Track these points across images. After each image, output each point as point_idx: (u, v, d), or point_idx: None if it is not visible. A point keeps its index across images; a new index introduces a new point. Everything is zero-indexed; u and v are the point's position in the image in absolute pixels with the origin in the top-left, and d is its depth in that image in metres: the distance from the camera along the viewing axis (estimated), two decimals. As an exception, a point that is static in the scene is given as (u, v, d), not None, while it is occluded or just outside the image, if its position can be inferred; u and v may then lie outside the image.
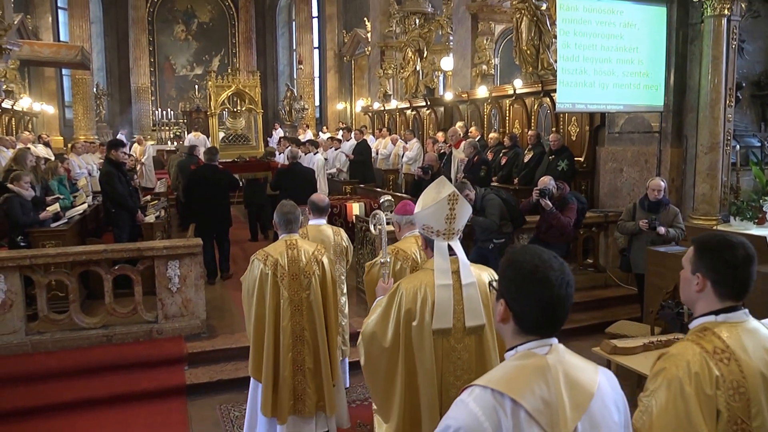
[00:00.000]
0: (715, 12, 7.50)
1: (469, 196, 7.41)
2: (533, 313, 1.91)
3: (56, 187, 9.16)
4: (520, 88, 11.86)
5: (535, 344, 1.92)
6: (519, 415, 1.77)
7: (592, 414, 1.85)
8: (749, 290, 2.25)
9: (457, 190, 3.16)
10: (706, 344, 2.18)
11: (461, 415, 1.79)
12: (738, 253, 2.24)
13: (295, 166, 10.44)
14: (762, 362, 2.16)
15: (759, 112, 8.87)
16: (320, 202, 5.51)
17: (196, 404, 6.05)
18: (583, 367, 1.93)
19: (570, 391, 1.85)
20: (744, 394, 2.12)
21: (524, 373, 1.85)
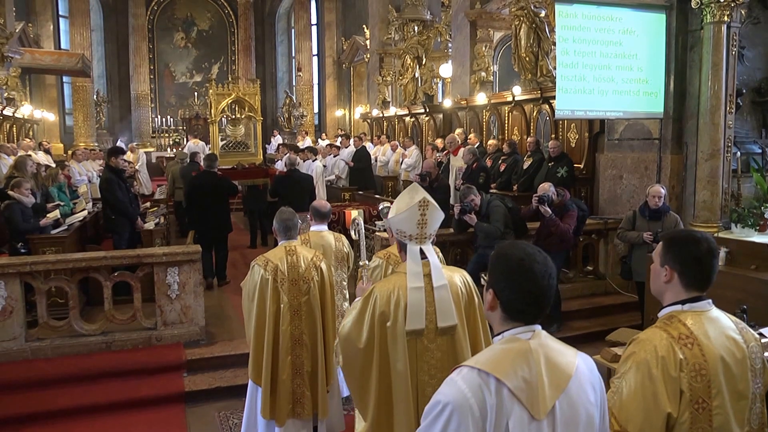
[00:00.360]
0: (714, 18, 7.50)
1: (474, 201, 7.41)
2: (518, 302, 2.08)
3: (56, 194, 9.17)
4: (519, 94, 11.86)
5: (520, 330, 2.09)
6: (502, 393, 1.95)
7: (570, 393, 2.03)
8: (712, 281, 2.46)
9: (428, 196, 3.32)
10: (672, 330, 2.37)
11: (450, 391, 1.97)
12: (702, 246, 2.44)
13: (294, 173, 10.49)
14: (722, 347, 2.36)
15: (760, 118, 8.86)
16: (322, 208, 5.54)
17: (194, 411, 6.04)
18: (563, 351, 2.11)
19: (550, 372, 2.01)
20: (705, 376, 2.31)
21: (508, 356, 2.02)
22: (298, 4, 27.59)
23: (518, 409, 1.96)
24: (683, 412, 2.32)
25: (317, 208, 5.52)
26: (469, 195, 7.46)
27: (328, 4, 27.83)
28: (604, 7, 8.18)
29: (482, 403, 1.94)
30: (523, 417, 1.96)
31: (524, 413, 1.96)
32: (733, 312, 3.94)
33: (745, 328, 2.51)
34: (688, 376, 2.31)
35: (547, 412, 1.98)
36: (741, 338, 2.44)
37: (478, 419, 1.93)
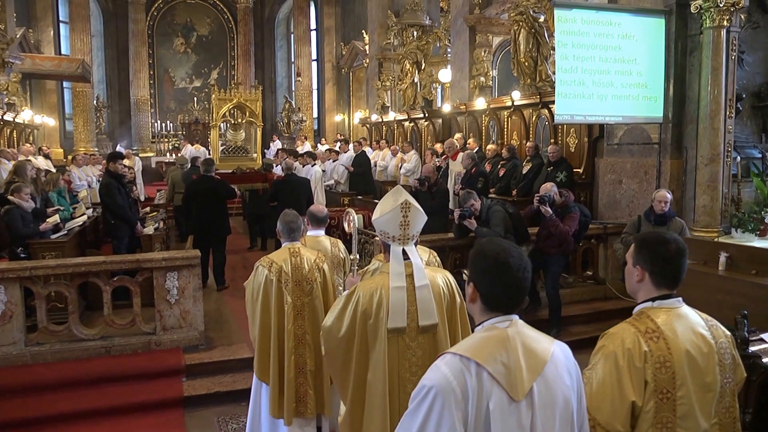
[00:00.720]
0: (714, 23, 7.52)
1: (474, 206, 7.39)
2: (496, 293, 2.25)
3: (56, 199, 9.16)
4: (518, 99, 11.88)
5: (498, 319, 2.25)
6: (482, 376, 2.11)
7: (546, 377, 2.18)
8: (681, 279, 2.59)
9: (410, 198, 3.44)
10: (640, 325, 2.53)
11: (435, 376, 2.12)
12: (671, 247, 2.58)
13: (291, 177, 10.60)
14: (688, 342, 2.49)
15: (759, 123, 8.88)
16: (319, 213, 5.55)
17: (194, 416, 6.02)
18: (539, 338, 2.27)
19: (526, 357, 2.17)
20: (669, 368, 2.45)
21: (488, 343, 2.18)
22: (298, 9, 27.63)
23: (498, 391, 2.11)
24: (648, 401, 2.46)
25: (314, 213, 5.54)
26: (469, 200, 7.45)
27: (327, 9, 27.88)
28: (603, 12, 8.22)
29: (464, 386, 2.09)
30: (502, 398, 2.11)
31: (503, 395, 2.11)
32: (733, 317, 3.96)
33: (716, 326, 2.63)
34: (652, 367, 2.44)
35: (525, 393, 2.13)
36: (709, 334, 2.56)
37: (460, 401, 2.08)
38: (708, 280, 5.99)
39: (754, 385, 3.83)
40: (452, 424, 2.07)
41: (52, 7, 24.64)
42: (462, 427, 2.08)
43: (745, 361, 3.80)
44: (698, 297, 5.93)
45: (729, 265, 5.97)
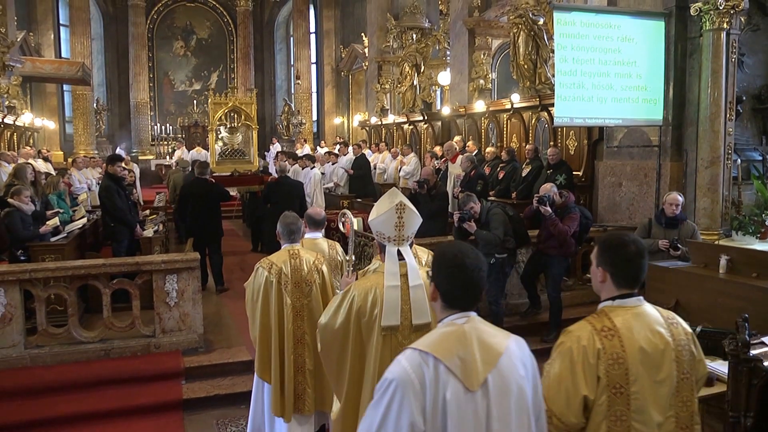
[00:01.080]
0: (714, 26, 7.52)
1: (473, 208, 7.37)
2: (453, 292, 2.45)
3: (56, 202, 9.15)
4: (518, 102, 11.88)
5: (456, 316, 2.44)
6: (439, 369, 2.28)
7: (501, 368, 2.35)
8: (641, 279, 2.71)
9: (405, 200, 3.56)
10: (596, 323, 2.64)
11: (396, 369, 2.31)
12: (630, 249, 2.69)
13: (284, 180, 10.67)
14: (644, 340, 2.60)
15: (760, 125, 8.88)
16: (316, 215, 5.57)
17: (193, 419, 6.01)
18: (495, 333, 2.45)
19: (482, 351, 2.35)
20: (622, 365, 2.57)
21: (446, 338, 2.37)
22: (297, 12, 27.63)
23: (454, 382, 2.28)
24: (600, 395, 2.58)
25: (312, 215, 5.56)
26: (469, 203, 7.43)
27: (326, 12, 27.89)
28: (602, 14, 8.22)
29: (422, 378, 2.27)
30: (458, 389, 2.28)
31: (459, 386, 2.28)
32: (734, 321, 3.95)
33: (676, 323, 2.73)
34: (605, 364, 2.56)
35: (480, 384, 2.31)
36: (667, 332, 2.66)
37: (418, 392, 2.26)
38: (708, 283, 5.97)
39: (755, 389, 3.81)
40: (411, 413, 2.25)
41: (52, 10, 24.68)
42: (421, 416, 2.26)
43: (746, 365, 3.81)
44: (699, 300, 5.94)
45: (729, 268, 5.95)
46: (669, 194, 7.23)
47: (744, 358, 3.82)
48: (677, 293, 6.16)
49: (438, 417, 2.28)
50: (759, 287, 5.54)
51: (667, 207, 7.07)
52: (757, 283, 5.62)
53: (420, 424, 2.26)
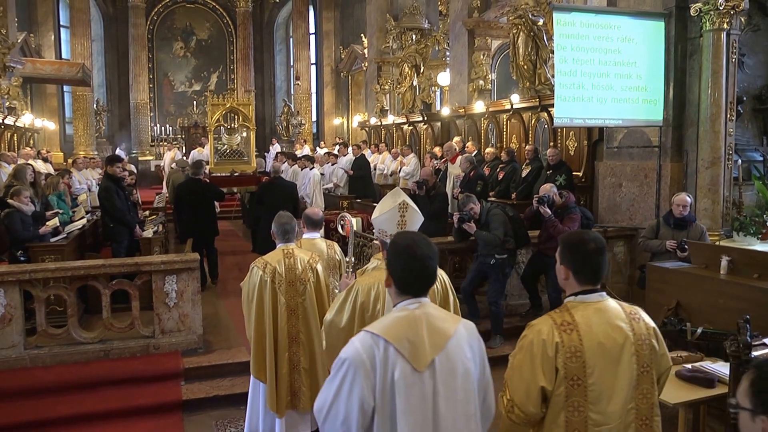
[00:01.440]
0: (714, 26, 7.50)
1: (473, 209, 7.37)
2: (405, 278, 2.63)
3: (56, 202, 9.14)
4: (518, 103, 11.88)
5: (409, 302, 2.62)
6: (389, 350, 2.47)
7: (448, 351, 2.54)
8: (601, 275, 2.83)
9: (408, 199, 3.71)
10: (557, 318, 2.75)
11: (349, 349, 2.51)
12: (589, 246, 2.80)
13: (277, 181, 10.71)
14: (603, 334, 2.70)
15: (761, 126, 8.86)
16: (314, 215, 5.61)
17: (192, 420, 6.01)
18: (445, 318, 2.66)
19: (430, 334, 2.53)
20: (580, 358, 2.67)
21: (398, 323, 2.55)
22: (297, 13, 27.63)
23: (402, 363, 2.46)
24: (558, 387, 2.69)
25: (309, 215, 5.60)
26: (468, 204, 7.43)
27: (326, 13, 27.87)
28: (602, 15, 8.20)
29: (372, 358, 2.46)
30: (406, 369, 2.47)
31: (407, 366, 2.47)
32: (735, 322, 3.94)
33: (638, 318, 2.83)
34: (563, 357, 2.67)
35: (427, 365, 2.49)
36: (628, 326, 2.76)
37: (369, 371, 2.45)
38: (709, 285, 5.95)
39: (757, 390, 3.81)
40: (362, 390, 2.44)
41: (52, 11, 24.72)
42: (371, 393, 2.45)
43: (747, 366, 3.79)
44: (700, 301, 5.93)
45: (730, 269, 5.93)
46: (677, 195, 7.15)
47: (745, 360, 3.81)
48: (678, 294, 6.14)
49: (387, 395, 2.47)
50: (760, 288, 5.52)
51: (675, 208, 6.98)
52: (758, 284, 5.59)
53: (370, 401, 2.45)
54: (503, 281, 7.51)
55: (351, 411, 2.46)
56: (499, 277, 7.39)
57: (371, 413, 2.48)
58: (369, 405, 2.46)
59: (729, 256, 5.97)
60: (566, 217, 7.36)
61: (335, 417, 2.50)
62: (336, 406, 2.49)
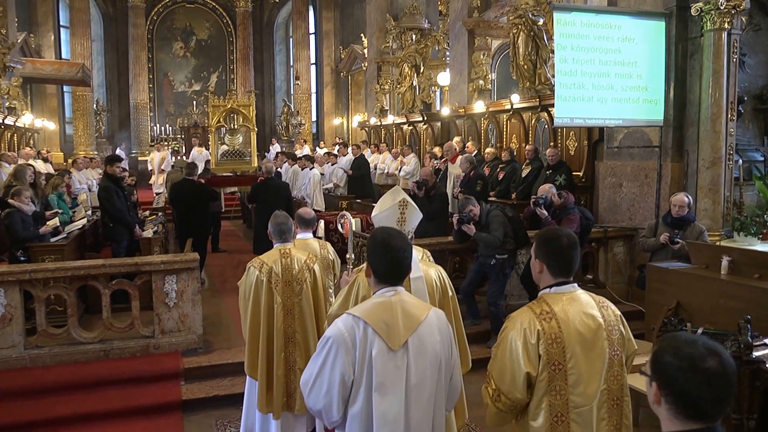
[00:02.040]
0: (715, 26, 7.49)
1: (473, 211, 7.37)
2: (382, 269, 2.93)
3: (56, 202, 9.14)
4: (518, 102, 11.87)
5: (386, 290, 2.93)
6: (368, 331, 2.78)
7: (420, 333, 2.86)
8: (574, 268, 3.00)
9: (407, 197, 3.84)
10: (536, 308, 2.93)
11: (333, 329, 2.83)
12: (562, 242, 2.97)
13: (270, 181, 10.74)
14: (578, 321, 2.88)
15: (761, 126, 8.84)
16: (306, 215, 5.60)
17: (192, 420, 6.01)
18: (418, 305, 2.98)
19: (404, 318, 2.85)
20: (560, 344, 2.84)
21: (376, 307, 2.87)
22: (296, 13, 27.63)
23: (379, 342, 2.78)
24: (542, 372, 2.85)
25: (302, 215, 5.59)
26: (468, 205, 7.42)
27: (326, 13, 27.87)
28: (602, 14, 8.20)
29: (353, 337, 2.77)
30: (383, 347, 2.78)
31: (383, 345, 2.78)
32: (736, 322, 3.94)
33: (606, 306, 3.01)
34: (545, 343, 2.84)
35: (401, 344, 2.81)
36: (599, 314, 2.94)
37: (350, 348, 2.77)
38: (710, 285, 5.96)
39: (758, 391, 3.81)
40: (343, 364, 2.76)
41: (52, 12, 24.77)
42: (351, 367, 2.77)
43: (748, 367, 3.80)
44: (700, 301, 5.93)
45: (731, 269, 5.94)
46: (675, 195, 7.20)
47: (746, 360, 3.81)
48: (679, 294, 6.14)
49: (365, 370, 2.78)
50: (761, 288, 5.52)
51: (672, 208, 7.05)
52: (759, 285, 5.60)
53: (350, 375, 2.77)
54: (503, 281, 7.50)
55: (333, 383, 2.77)
56: (499, 278, 7.38)
57: (351, 385, 2.79)
58: (349, 378, 2.78)
59: (730, 257, 5.98)
60: (564, 218, 7.33)
61: (320, 388, 2.81)
62: (320, 379, 2.80)
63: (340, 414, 2.83)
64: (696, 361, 1.83)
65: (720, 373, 1.81)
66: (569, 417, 2.88)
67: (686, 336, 1.96)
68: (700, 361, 1.82)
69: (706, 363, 1.82)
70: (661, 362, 1.91)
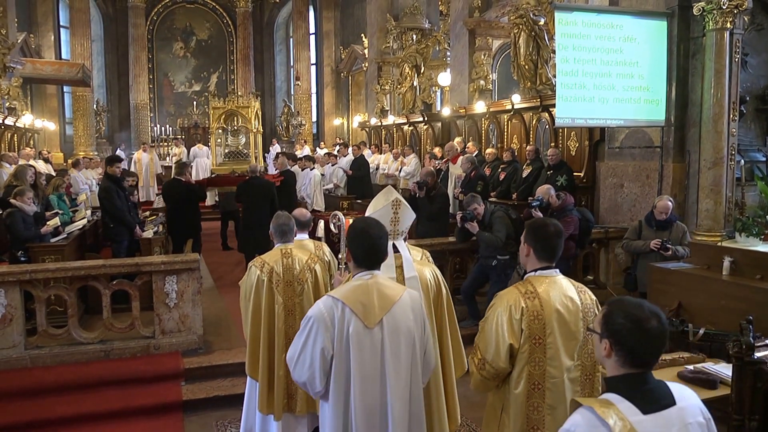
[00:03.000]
0: (717, 25, 7.47)
1: (477, 210, 7.36)
2: (360, 254, 3.26)
3: (56, 203, 9.14)
4: (519, 103, 11.85)
5: (363, 273, 3.26)
6: (345, 310, 3.13)
7: (393, 313, 3.19)
8: (557, 255, 3.35)
9: (400, 197, 3.93)
10: (521, 288, 3.28)
11: (314, 309, 3.19)
12: (549, 230, 3.33)
13: (254, 180, 10.77)
14: (558, 301, 3.22)
15: (764, 126, 8.81)
16: (302, 217, 5.61)
17: (192, 420, 6.01)
18: (392, 287, 3.29)
19: (379, 299, 3.18)
20: (541, 320, 3.19)
21: (354, 289, 3.20)
22: (297, 13, 27.64)
23: (355, 320, 3.12)
24: (523, 344, 3.20)
25: (297, 217, 5.57)
26: (473, 203, 7.41)
27: (326, 13, 27.86)
28: (604, 14, 8.18)
29: (332, 315, 3.12)
30: (359, 325, 3.12)
31: (359, 323, 3.12)
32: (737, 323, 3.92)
33: (584, 291, 3.35)
34: (527, 319, 3.18)
35: (375, 323, 3.14)
36: (577, 297, 3.28)
37: (329, 326, 3.11)
38: (712, 285, 5.95)
39: (760, 392, 3.79)
40: (324, 341, 3.10)
41: (52, 12, 24.74)
42: (330, 343, 3.11)
43: (750, 368, 3.78)
44: (702, 302, 5.92)
45: (733, 269, 5.93)
46: (660, 200, 7.26)
47: (748, 361, 3.80)
48: (680, 295, 6.13)
49: (343, 345, 3.11)
50: (763, 289, 5.51)
51: (657, 213, 7.15)
52: (760, 285, 5.59)
53: (329, 350, 3.11)
54: (504, 282, 7.47)
55: (315, 358, 3.11)
56: (501, 279, 7.36)
57: (330, 360, 3.12)
58: (328, 353, 3.11)
59: (731, 257, 5.97)
60: (562, 220, 7.28)
61: (303, 362, 3.14)
62: (303, 354, 3.14)
63: (323, 385, 3.16)
64: (642, 322, 2.20)
65: (660, 331, 2.21)
66: (545, 386, 3.23)
67: (632, 300, 2.32)
68: (645, 322, 2.20)
69: (650, 323, 2.20)
70: (613, 323, 2.25)
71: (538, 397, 3.23)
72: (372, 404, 3.16)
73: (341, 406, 3.17)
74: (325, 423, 3.29)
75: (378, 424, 3.18)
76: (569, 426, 2.21)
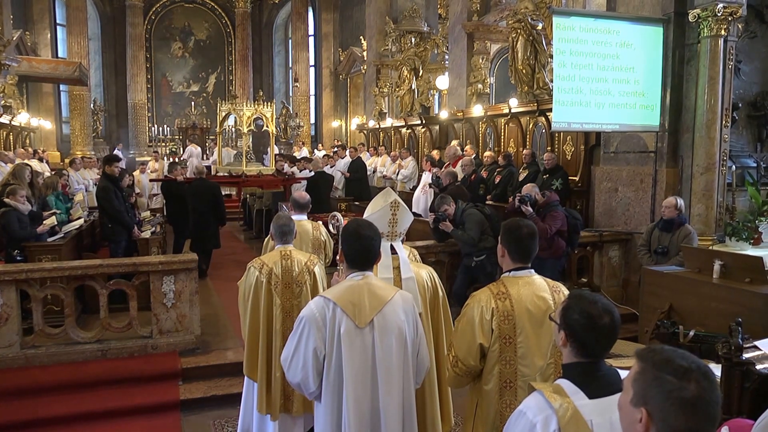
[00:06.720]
0: (711, 32, 7.54)
1: (447, 210, 7.49)
2: (353, 255, 3.29)
3: (53, 202, 9.15)
4: (516, 107, 11.90)
5: (355, 274, 3.28)
6: (336, 310, 3.16)
7: (384, 313, 3.21)
8: (531, 256, 3.39)
9: (399, 199, 3.94)
10: (494, 289, 3.32)
11: (306, 309, 3.22)
12: (522, 231, 3.34)
13: (200, 181, 10.93)
14: (529, 302, 3.26)
15: (755, 132, 8.91)
16: (301, 199, 5.97)
17: (190, 420, 6.03)
18: (384, 287, 3.32)
19: (370, 299, 3.20)
20: (511, 320, 3.23)
21: (346, 290, 3.24)
22: (296, 15, 27.67)
23: (346, 320, 3.15)
24: (493, 344, 3.24)
25: (296, 199, 5.98)
26: (443, 205, 7.55)
27: (325, 15, 27.90)
28: (601, 19, 8.23)
29: (323, 315, 3.16)
30: (350, 325, 3.15)
31: (351, 323, 3.15)
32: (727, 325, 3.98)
33: (558, 291, 3.37)
34: (498, 319, 3.22)
35: (366, 322, 3.17)
36: (550, 297, 3.31)
37: (321, 326, 3.15)
38: (702, 288, 6.01)
39: (748, 392, 3.85)
40: (315, 340, 3.14)
41: (49, 9, 24.64)
42: (322, 343, 3.15)
43: (739, 368, 3.84)
44: (693, 304, 5.98)
45: (723, 273, 5.99)
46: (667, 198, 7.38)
47: (737, 362, 3.86)
48: (671, 298, 6.20)
49: (335, 345, 3.15)
50: (752, 292, 5.58)
51: (662, 211, 7.23)
52: (749, 288, 5.66)
53: (321, 349, 3.15)
54: (490, 281, 7.53)
55: (308, 358, 3.15)
56: (486, 278, 7.42)
57: (323, 359, 3.16)
58: (321, 352, 3.15)
59: (722, 261, 6.03)
60: (548, 215, 7.39)
61: (297, 363, 3.18)
62: (297, 355, 3.18)
63: (316, 385, 3.20)
64: (595, 319, 2.34)
65: (611, 327, 2.36)
66: (517, 384, 3.26)
67: (589, 296, 2.46)
68: (598, 319, 2.35)
69: (603, 320, 2.35)
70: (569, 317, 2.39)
71: (510, 395, 3.28)
72: (364, 403, 3.18)
73: (334, 405, 3.20)
74: (318, 422, 3.32)
75: (370, 423, 3.21)
76: (522, 407, 2.36)
